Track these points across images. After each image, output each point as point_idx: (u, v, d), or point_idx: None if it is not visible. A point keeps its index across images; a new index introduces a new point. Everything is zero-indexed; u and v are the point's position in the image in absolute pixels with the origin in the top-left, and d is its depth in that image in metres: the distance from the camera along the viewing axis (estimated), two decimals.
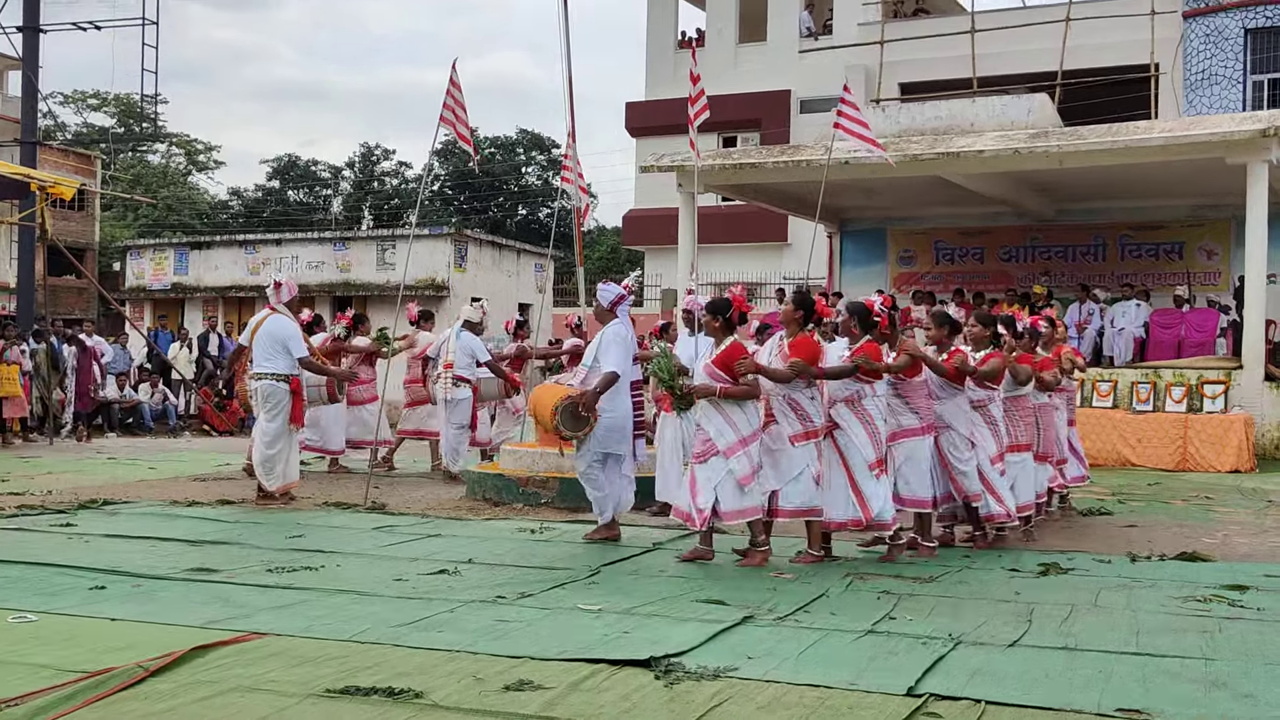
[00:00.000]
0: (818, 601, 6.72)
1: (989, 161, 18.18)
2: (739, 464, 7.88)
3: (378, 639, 5.57)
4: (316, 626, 5.84)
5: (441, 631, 5.76)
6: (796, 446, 7.99)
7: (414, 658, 5.24)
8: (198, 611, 6.18)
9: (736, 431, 7.93)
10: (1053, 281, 21.75)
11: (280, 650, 5.34)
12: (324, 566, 7.68)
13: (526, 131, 60.42)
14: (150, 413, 22.05)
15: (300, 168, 61.36)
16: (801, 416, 8.02)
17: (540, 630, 5.85)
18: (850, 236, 24.43)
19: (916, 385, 8.47)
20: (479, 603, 6.51)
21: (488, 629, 5.84)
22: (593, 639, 5.63)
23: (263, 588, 6.91)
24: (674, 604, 6.57)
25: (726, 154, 21.77)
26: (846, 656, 5.38)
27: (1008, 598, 6.93)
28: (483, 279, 30.44)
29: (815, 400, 8.08)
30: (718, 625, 5.94)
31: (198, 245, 33.32)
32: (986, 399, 8.88)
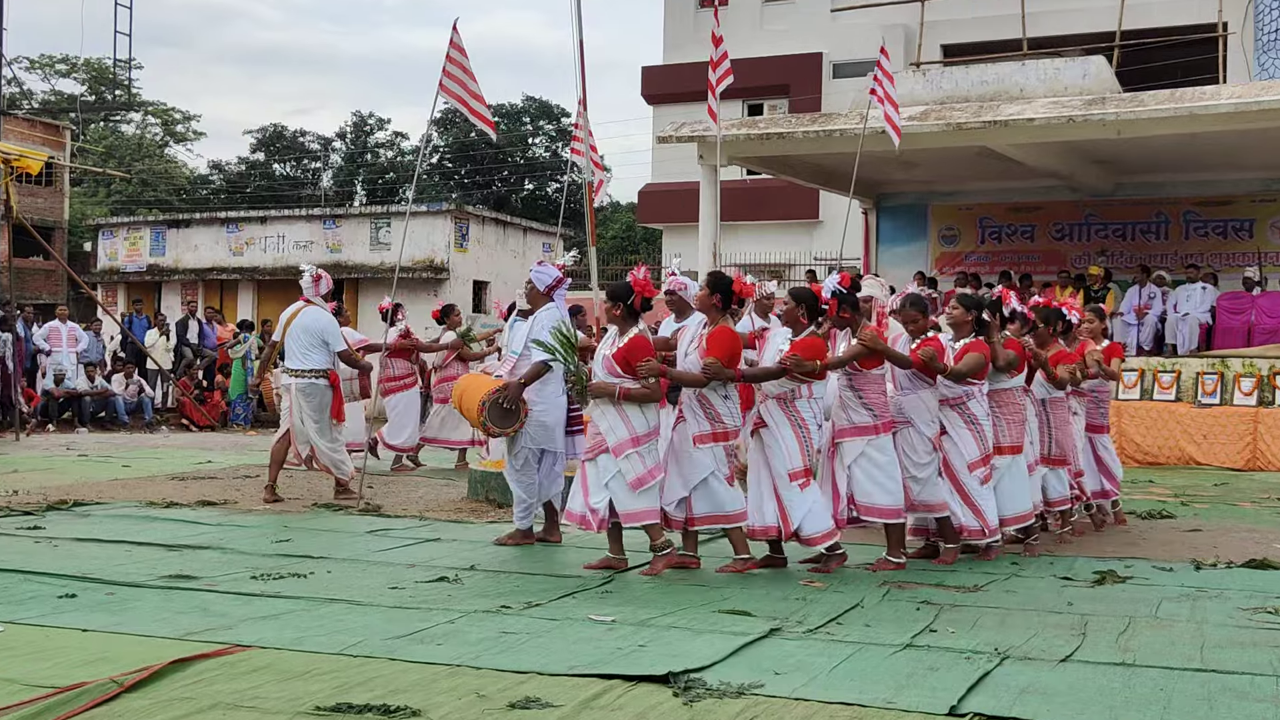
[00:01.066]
0: (851, 612, 6.72)
1: (1040, 130, 18.10)
2: (629, 464, 7.86)
3: (372, 652, 5.59)
4: (306, 638, 5.86)
5: (441, 644, 5.78)
6: (698, 449, 7.93)
7: (411, 673, 5.25)
8: (176, 622, 6.21)
9: (628, 429, 7.88)
10: (1110, 262, 21.67)
11: (266, 664, 5.36)
12: (314, 573, 7.71)
13: (534, 99, 60.39)
14: (125, 406, 22.15)
15: (287, 139, 61.45)
16: (710, 416, 7.95)
17: (548, 643, 5.86)
18: (888, 213, 24.37)
19: (873, 378, 8.14)
20: (482, 613, 6.53)
21: (491, 641, 5.86)
22: (605, 653, 5.64)
23: (247, 596, 6.94)
24: (694, 615, 6.57)
25: (752, 123, 21.72)
26: (883, 672, 5.38)
27: (1059, 609, 6.92)
28: (486, 260, 30.48)
29: (730, 400, 8.00)
30: (742, 638, 5.94)
31: (175, 223, 33.43)
32: (964, 394, 8.45)
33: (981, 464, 8.47)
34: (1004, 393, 8.81)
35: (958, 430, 8.46)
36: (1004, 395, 8.81)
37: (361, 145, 61.62)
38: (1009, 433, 8.78)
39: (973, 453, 8.45)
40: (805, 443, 7.95)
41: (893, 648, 5.84)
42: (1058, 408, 9.57)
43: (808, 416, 7.98)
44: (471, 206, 33.94)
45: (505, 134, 58.04)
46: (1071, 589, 7.59)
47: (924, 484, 8.34)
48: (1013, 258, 22.83)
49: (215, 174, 61.19)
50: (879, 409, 8.16)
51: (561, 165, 53.53)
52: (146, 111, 58.39)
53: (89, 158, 47.40)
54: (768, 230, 32.01)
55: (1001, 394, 8.79)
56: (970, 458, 8.44)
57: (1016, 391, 8.93)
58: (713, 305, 8.00)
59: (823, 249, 29.42)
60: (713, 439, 7.95)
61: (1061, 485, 9.56)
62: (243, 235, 31.91)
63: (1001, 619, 6.60)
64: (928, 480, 8.35)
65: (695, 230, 21.48)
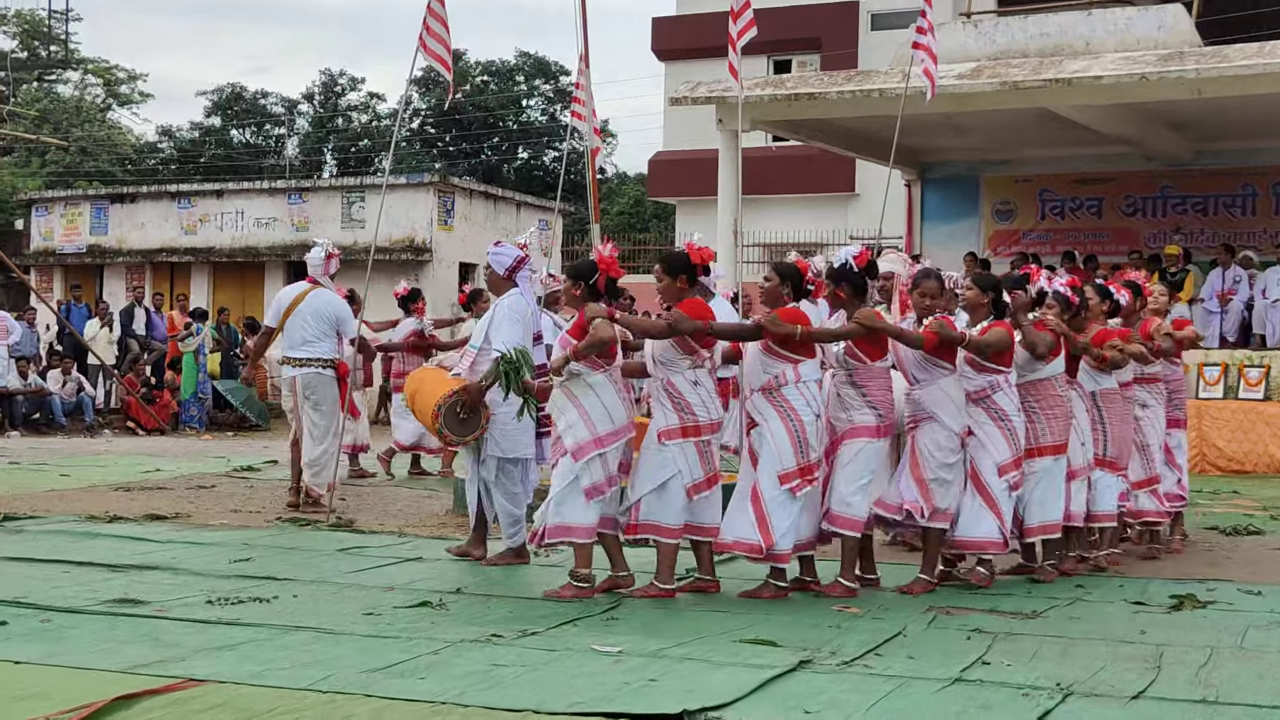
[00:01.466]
0: (892, 642, 6.72)
1: (1109, 90, 18.06)
2: (589, 470, 7.84)
3: (344, 687, 5.60)
4: (268, 672, 5.87)
5: (423, 678, 5.79)
6: (664, 445, 7.89)
7: (389, 711, 5.26)
8: (121, 653, 6.22)
9: (589, 428, 7.87)
10: (1189, 241, 21.63)
11: (222, 701, 5.38)
12: (277, 597, 7.72)
13: (528, 55, 60.39)
14: (62, 406, 22.21)
15: (246, 101, 61.50)
16: (678, 405, 7.89)
17: (545, 677, 5.87)
18: (934, 185, 24.33)
19: (877, 371, 8.08)
20: (469, 642, 6.54)
21: (480, 675, 5.87)
22: (611, 688, 5.65)
23: (202, 624, 6.95)
24: (713, 644, 6.58)
25: (778, 82, 21.71)
26: (928, 711, 5.38)
27: (1131, 638, 6.92)
28: (473, 238, 30.45)
29: (701, 386, 7.92)
30: (768, 671, 5.95)
31: (120, 198, 33.44)
32: (989, 386, 8.32)
33: (1013, 467, 8.37)
34: (1040, 384, 8.70)
35: (984, 428, 8.36)
36: (1040, 387, 8.70)
37: (331, 108, 61.67)
38: (1049, 430, 8.68)
39: (1003, 454, 8.34)
40: (798, 435, 7.84)
41: (940, 682, 5.84)
42: (1112, 400, 9.37)
43: (799, 405, 7.85)
44: (457, 178, 33.92)
45: (495, 95, 58.10)
46: (1145, 615, 7.58)
47: (949, 488, 8.25)
48: (1077, 236, 22.79)
49: (165, 141, 61.27)
50: (884, 408, 8.08)
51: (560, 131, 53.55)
52: (86, 70, 58.44)
53: (20, 123, 47.51)
54: (796, 205, 31.97)
55: (1037, 385, 8.69)
56: (1000, 459, 8.34)
57: (1056, 381, 8.78)
58: (675, 290, 8.01)
59: (860, 226, 29.33)
60: (681, 434, 7.89)
61: (1111, 495, 9.35)
62: (196, 211, 31.91)
63: (1064, 649, 6.60)
64: (954, 484, 8.27)
65: (713, 205, 21.47)
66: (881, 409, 8.05)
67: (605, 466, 7.90)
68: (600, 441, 7.86)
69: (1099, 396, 9.31)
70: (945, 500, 8.26)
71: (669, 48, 34.46)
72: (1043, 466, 8.64)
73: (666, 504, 7.91)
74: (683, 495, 7.90)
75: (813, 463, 7.91)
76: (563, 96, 55.93)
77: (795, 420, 7.84)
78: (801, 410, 7.85)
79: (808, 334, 7.86)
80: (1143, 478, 9.77)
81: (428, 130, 59.44)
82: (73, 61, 54.60)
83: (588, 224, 15.52)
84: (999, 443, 8.33)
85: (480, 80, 58.28)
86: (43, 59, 45.65)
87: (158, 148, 60.59)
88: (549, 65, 59.99)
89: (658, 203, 41.49)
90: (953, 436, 8.25)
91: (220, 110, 60.56)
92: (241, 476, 14.75)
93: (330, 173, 55.27)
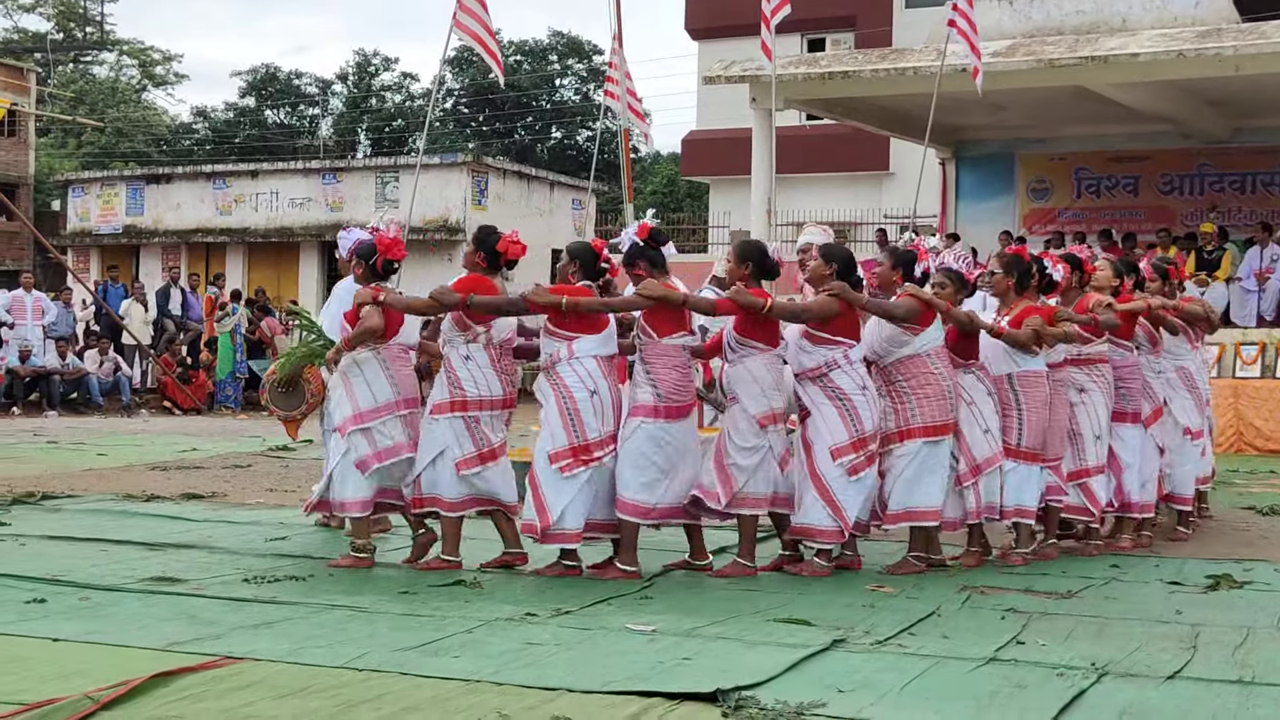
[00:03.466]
0: (926, 622, 6.71)
1: (1146, 68, 17.95)
2: (355, 444, 8.02)
3: (380, 665, 5.63)
4: (304, 650, 5.90)
5: (458, 657, 5.81)
6: (434, 419, 8.03)
7: (424, 689, 5.28)
8: (158, 630, 6.26)
9: (352, 404, 8.02)
10: (1226, 219, 21.50)
11: (260, 679, 5.41)
12: (313, 576, 7.76)
13: (561, 34, 60.33)
14: (99, 386, 22.34)
15: (280, 81, 61.63)
16: (449, 380, 8.00)
17: (580, 656, 5.88)
18: (969, 164, 24.24)
19: (662, 349, 7.86)
20: (504, 621, 6.56)
21: (515, 654, 5.88)
22: (645, 667, 5.66)
23: (238, 602, 6.99)
24: (747, 624, 6.59)
25: (812, 60, 21.64)
26: (963, 690, 5.37)
27: (1166, 618, 6.90)
28: (507, 218, 30.39)
29: (472, 361, 7.96)
30: (801, 650, 5.94)
31: (155, 179, 33.60)
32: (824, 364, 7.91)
33: (851, 450, 7.87)
34: (909, 361, 8.12)
35: (820, 408, 7.93)
36: (909, 365, 8.12)
37: (365, 88, 61.74)
38: (920, 411, 8.07)
39: (839, 436, 7.88)
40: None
41: (974, 662, 5.83)
42: (1032, 384, 8.54)
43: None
44: (491, 158, 33.94)
45: (529, 75, 58.05)
46: (1180, 595, 7.56)
47: (752, 473, 7.90)
48: (1113, 214, 22.69)
49: (200, 122, 61.47)
50: (664, 387, 7.90)
51: (593, 110, 53.47)
52: (121, 51, 58.71)
53: (57, 104, 47.75)
54: (830, 184, 31.89)
55: (906, 363, 8.12)
56: (835, 442, 7.89)
57: (929, 359, 8.12)
58: (476, 261, 8.13)
59: (894, 205, 29.28)
60: (450, 408, 7.98)
61: (1028, 489, 8.55)
62: (231, 192, 32.04)
63: (1100, 629, 6.58)
64: (760, 468, 7.91)
65: (747, 184, 21.45)
66: (662, 389, 7.81)
67: (372, 441, 8.00)
68: (360, 417, 7.97)
69: (1016, 380, 8.51)
70: (753, 485, 7.91)
71: (702, 26, 34.39)
72: (912, 449, 8.08)
73: (441, 478, 8.01)
74: (452, 469, 7.97)
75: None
76: (596, 76, 55.88)
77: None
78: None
79: (574, 304, 7.76)
80: (1071, 469, 8.91)
81: (461, 110, 59.50)
82: (108, 43, 54.83)
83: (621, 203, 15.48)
84: (835, 424, 7.88)
85: (514, 59, 58.21)
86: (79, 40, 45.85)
87: (193, 129, 60.80)
88: (582, 44, 59.92)
89: (691, 181, 41.43)
90: (752, 420, 7.87)
91: (255, 91, 60.69)
92: (277, 456, 14.82)
93: (364, 153, 55.34)
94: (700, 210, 39.67)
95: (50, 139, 50.29)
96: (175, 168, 35.92)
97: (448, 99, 57.78)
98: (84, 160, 48.66)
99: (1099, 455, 8.97)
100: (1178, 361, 9.75)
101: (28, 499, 10.80)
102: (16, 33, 52.70)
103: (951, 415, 8.17)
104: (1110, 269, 9.33)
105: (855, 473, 7.88)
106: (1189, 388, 9.79)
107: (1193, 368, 9.87)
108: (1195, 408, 9.83)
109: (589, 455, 7.77)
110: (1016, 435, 8.48)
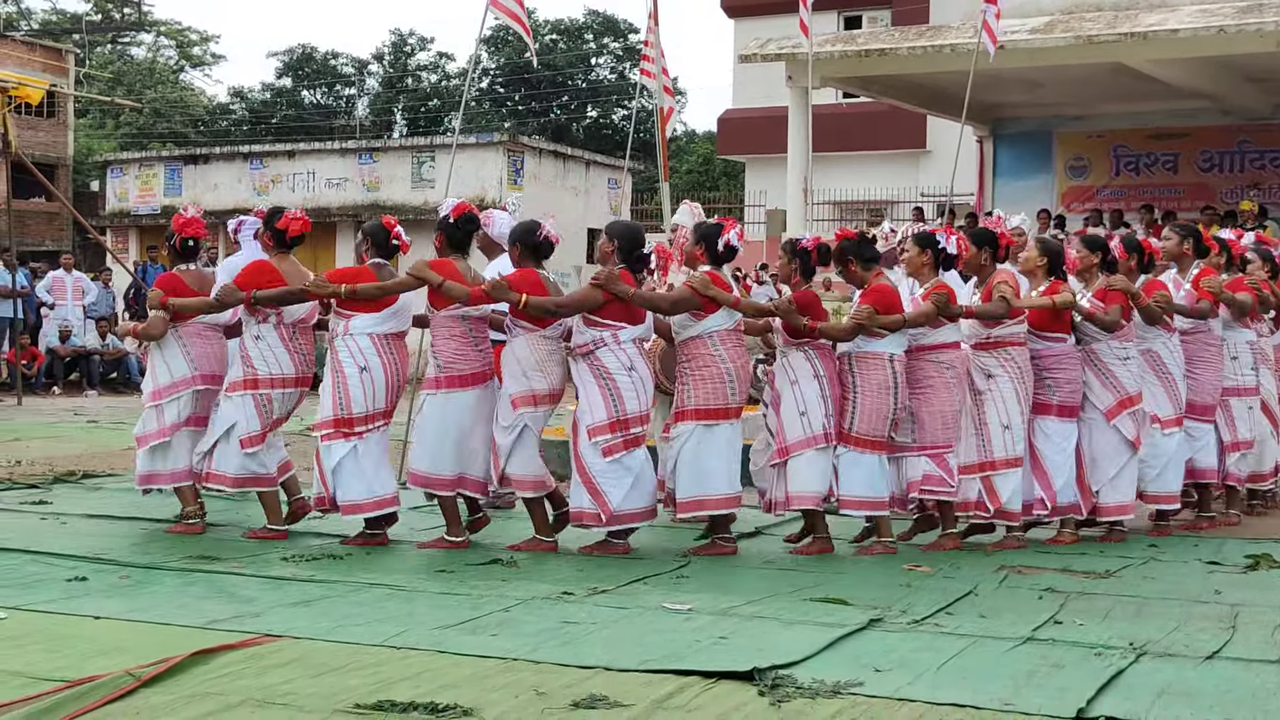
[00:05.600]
0: (963, 601, 6.70)
1: (1186, 44, 17.83)
2: (146, 420, 8.58)
3: (417, 644, 5.65)
4: (342, 628, 5.93)
5: (495, 635, 5.83)
6: (228, 397, 8.31)
7: (462, 667, 5.31)
8: (198, 608, 6.31)
9: (153, 380, 8.54)
10: (1267, 196, 21.35)
11: (299, 656, 5.44)
12: (351, 555, 7.81)
13: (597, 13, 60.23)
14: (138, 366, 22.46)
15: (317, 62, 61.76)
16: (244, 360, 8.29)
17: (616, 634, 5.90)
18: (1006, 141, 24.13)
19: (439, 320, 8.11)
20: (540, 600, 6.58)
21: (551, 632, 5.90)
22: (681, 645, 5.66)
23: (277, 580, 7.04)
24: (783, 603, 6.59)
25: (849, 38, 21.55)
26: (1000, 670, 5.36)
27: (1205, 598, 6.87)
28: (543, 197, 30.44)
29: (262, 341, 8.21)
30: (838, 630, 5.95)
31: (193, 159, 33.72)
32: (592, 342, 7.85)
33: (608, 430, 7.78)
34: (688, 343, 7.96)
35: (585, 387, 7.88)
36: (687, 346, 7.97)
37: (401, 68, 61.80)
38: (695, 393, 7.90)
39: (598, 416, 7.81)
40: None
41: (1011, 641, 5.82)
42: (870, 366, 8.09)
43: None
44: (527, 137, 33.94)
45: (564, 54, 57.99)
46: (1219, 575, 7.53)
47: (512, 453, 7.96)
48: (1152, 192, 22.56)
49: (237, 103, 61.66)
50: (444, 358, 8.07)
51: (629, 89, 53.41)
52: (159, 32, 58.90)
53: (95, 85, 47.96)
54: (867, 162, 31.80)
55: (686, 345, 7.97)
56: (592, 422, 7.83)
57: (709, 340, 7.91)
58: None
59: (931, 183, 29.20)
60: (243, 386, 8.25)
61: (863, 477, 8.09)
62: (268, 172, 32.12)
63: (1138, 609, 6.56)
64: (520, 448, 7.95)
65: (783, 163, 21.41)
66: (442, 359, 8.03)
67: (161, 417, 8.46)
68: (158, 394, 8.45)
69: (854, 360, 8.09)
70: (515, 465, 7.96)
71: (738, 4, 34.29)
72: (685, 431, 7.91)
73: (228, 454, 8.28)
74: (236, 445, 8.27)
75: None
76: (631, 54, 55.79)
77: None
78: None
79: (351, 291, 7.99)
80: (973, 461, 8.29)
81: (497, 89, 59.50)
82: (146, 24, 55.01)
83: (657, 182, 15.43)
84: (596, 404, 7.82)
85: (549, 39, 58.17)
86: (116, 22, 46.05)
87: (229, 109, 60.99)
88: (618, 23, 59.82)
89: (727, 160, 41.36)
90: (507, 400, 7.95)
91: (291, 71, 60.84)
92: (314, 435, 14.83)
93: (400, 133, 55.42)
94: (736, 189, 39.61)
95: (88, 120, 50.53)
96: (213, 148, 36.05)
97: (483, 78, 57.81)
98: (122, 141, 48.89)
99: (1008, 448, 8.23)
100: (1145, 345, 8.79)
101: (68, 478, 10.88)
102: (55, 14, 52.99)
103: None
104: (1037, 249, 8.60)
105: (609, 454, 7.80)
106: (1158, 374, 8.83)
107: (1165, 352, 8.87)
108: (1166, 396, 8.84)
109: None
110: (850, 419, 8.07)
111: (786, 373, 8.11)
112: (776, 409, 8.17)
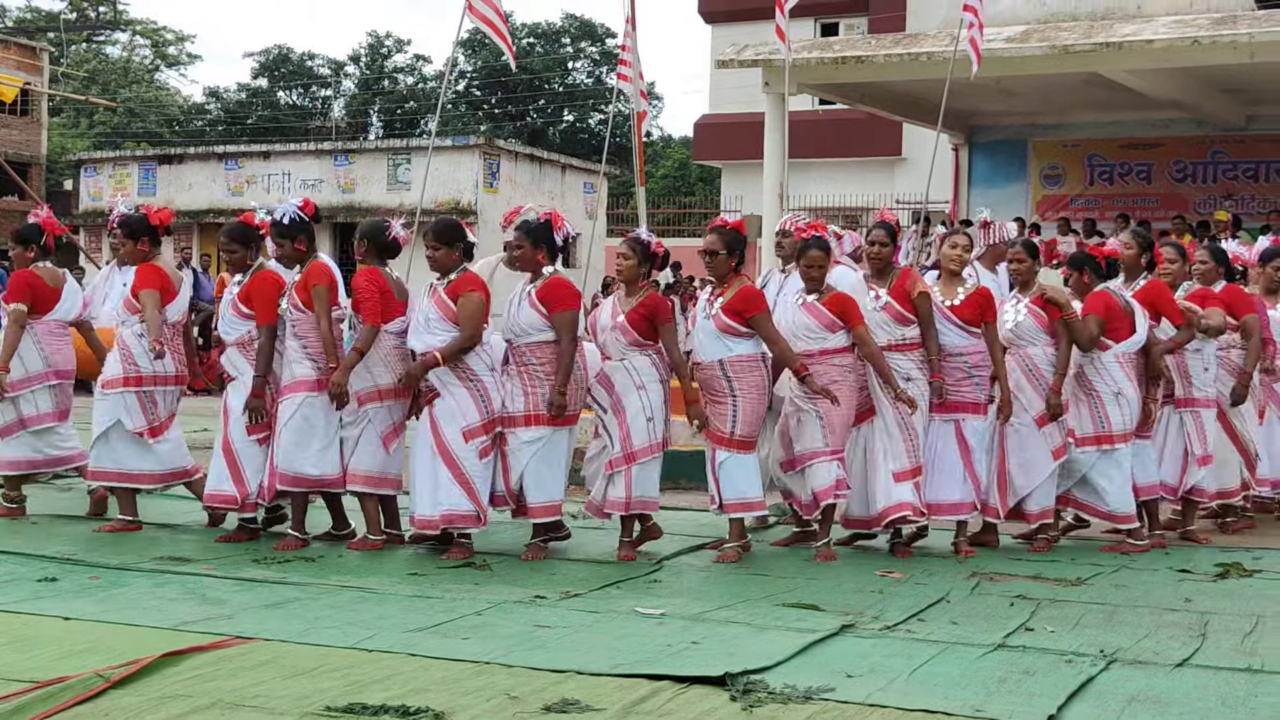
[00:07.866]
0: (936, 608, 6.72)
1: (1160, 54, 17.89)
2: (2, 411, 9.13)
3: (389, 647, 5.65)
4: (314, 630, 5.92)
5: (467, 639, 5.83)
6: (105, 394, 8.56)
7: (433, 670, 5.30)
8: (169, 610, 6.29)
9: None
10: (1239, 207, 21.46)
11: (270, 658, 5.43)
12: (323, 557, 7.79)
13: (574, 17, 60.29)
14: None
15: (293, 63, 61.65)
16: (122, 356, 8.52)
17: (589, 639, 5.90)
18: (982, 149, 24.20)
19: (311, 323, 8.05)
20: (513, 604, 6.58)
21: (524, 637, 5.90)
22: (653, 650, 5.67)
23: (249, 582, 7.02)
24: (755, 608, 6.60)
25: (825, 45, 21.61)
26: (971, 676, 5.38)
27: (1176, 606, 6.90)
28: (518, 200, 30.27)
29: (145, 339, 8.37)
30: (810, 635, 5.96)
31: (167, 159, 33.62)
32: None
33: (482, 431, 7.77)
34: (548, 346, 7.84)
35: (451, 390, 7.79)
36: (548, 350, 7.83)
37: (378, 70, 61.73)
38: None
39: (470, 418, 7.77)
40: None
41: (983, 648, 5.84)
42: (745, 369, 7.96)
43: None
44: (503, 140, 33.95)
45: (540, 57, 58.00)
46: (1190, 583, 7.55)
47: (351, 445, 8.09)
48: (1126, 201, 22.65)
49: (212, 103, 61.51)
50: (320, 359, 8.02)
51: (606, 93, 53.44)
52: (134, 31, 58.70)
53: (69, 84, 47.78)
54: (843, 169, 31.82)
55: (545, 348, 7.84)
56: (466, 424, 7.78)
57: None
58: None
59: (906, 190, 29.20)
60: (123, 383, 8.46)
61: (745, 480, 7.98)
62: (243, 173, 32.04)
63: (1108, 616, 6.59)
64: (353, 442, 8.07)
65: (759, 169, 21.41)
66: (320, 361, 7.99)
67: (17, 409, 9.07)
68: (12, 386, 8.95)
69: (728, 366, 7.90)
70: (386, 465, 8.11)
71: (715, 10, 34.32)
72: (536, 435, 7.84)
73: (115, 450, 8.52)
74: (125, 441, 8.47)
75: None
76: (609, 59, 55.82)
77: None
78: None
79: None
80: (906, 467, 8.13)
81: (474, 93, 59.49)
82: (121, 23, 54.82)
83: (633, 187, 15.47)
84: (468, 406, 7.79)
85: (526, 42, 58.19)
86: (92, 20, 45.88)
87: (205, 109, 60.84)
88: (595, 27, 59.89)
89: (703, 166, 41.38)
90: (352, 396, 7.96)
91: (267, 72, 60.75)
92: None
93: (376, 135, 55.37)
94: (712, 194, 39.64)
95: (63, 119, 50.35)
96: (187, 148, 35.98)
97: (460, 81, 57.79)
98: (96, 140, 48.73)
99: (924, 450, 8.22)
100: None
101: (38, 478, 10.81)
102: (30, 12, 52.73)
103: (579, 405, 7.98)
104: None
105: (485, 455, 7.83)
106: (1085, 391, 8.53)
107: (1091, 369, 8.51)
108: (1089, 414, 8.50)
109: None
110: (730, 424, 7.91)
111: (631, 376, 7.95)
112: (618, 413, 7.98)
